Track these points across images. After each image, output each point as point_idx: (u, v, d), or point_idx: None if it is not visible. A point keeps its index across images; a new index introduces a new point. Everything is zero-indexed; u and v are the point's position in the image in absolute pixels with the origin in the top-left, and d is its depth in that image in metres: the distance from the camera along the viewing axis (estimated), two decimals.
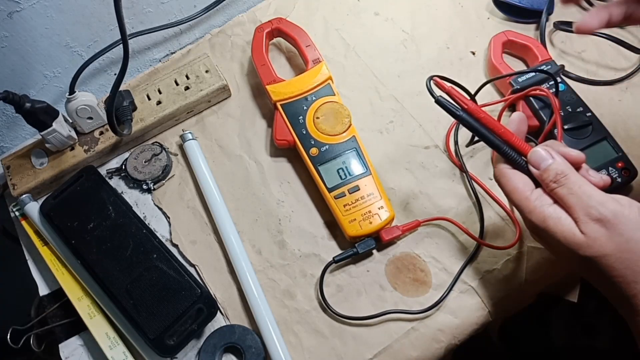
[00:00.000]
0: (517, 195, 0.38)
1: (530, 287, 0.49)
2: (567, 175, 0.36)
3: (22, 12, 0.51)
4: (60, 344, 0.51)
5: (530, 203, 0.37)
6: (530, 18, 0.61)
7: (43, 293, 0.54)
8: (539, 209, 0.37)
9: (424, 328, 0.48)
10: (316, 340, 0.49)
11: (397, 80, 0.60)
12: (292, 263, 0.52)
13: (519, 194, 0.38)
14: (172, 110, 0.58)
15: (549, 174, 0.37)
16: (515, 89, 0.54)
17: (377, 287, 0.50)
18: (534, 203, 0.37)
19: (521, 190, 0.38)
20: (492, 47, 0.57)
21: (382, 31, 0.63)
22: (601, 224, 0.34)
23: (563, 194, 0.36)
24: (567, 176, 0.36)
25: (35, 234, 0.54)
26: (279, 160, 0.57)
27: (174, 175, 0.58)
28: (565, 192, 0.36)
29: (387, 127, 0.57)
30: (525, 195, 0.38)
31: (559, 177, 0.36)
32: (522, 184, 0.38)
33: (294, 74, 0.62)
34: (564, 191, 0.36)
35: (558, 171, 0.37)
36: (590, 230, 0.34)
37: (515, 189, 0.38)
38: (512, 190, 0.38)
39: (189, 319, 0.48)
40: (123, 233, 0.51)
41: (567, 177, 0.36)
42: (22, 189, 0.55)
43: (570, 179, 0.36)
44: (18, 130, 0.63)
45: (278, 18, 0.60)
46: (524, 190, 0.38)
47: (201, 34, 0.67)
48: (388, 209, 0.50)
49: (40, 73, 0.58)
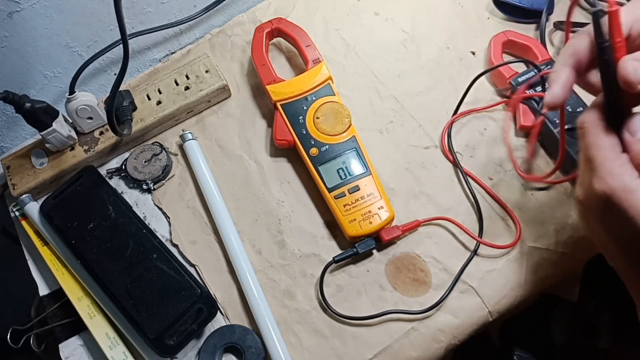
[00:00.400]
0: (604, 152, 0.33)
1: (530, 287, 0.49)
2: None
3: (22, 12, 0.51)
4: (60, 344, 0.51)
5: (617, 166, 0.32)
6: (530, 18, 0.61)
7: (43, 293, 0.54)
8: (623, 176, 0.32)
9: (424, 328, 0.48)
10: (316, 340, 0.49)
11: (397, 80, 0.60)
12: (292, 263, 0.52)
13: (607, 151, 0.33)
14: (172, 110, 0.58)
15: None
16: (516, 89, 0.54)
17: (377, 287, 0.50)
18: (620, 168, 0.32)
19: (609, 148, 0.33)
20: (492, 47, 0.57)
21: (382, 31, 0.63)
22: None
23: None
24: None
25: (35, 234, 0.54)
26: (279, 160, 0.57)
27: (174, 175, 0.58)
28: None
29: (387, 127, 0.57)
30: (612, 156, 0.33)
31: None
32: (612, 143, 0.33)
33: (294, 74, 0.62)
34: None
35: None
36: None
37: (606, 145, 0.33)
38: (601, 145, 0.33)
39: (189, 319, 0.48)
40: (123, 233, 0.51)
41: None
42: (22, 189, 0.55)
43: None
44: (18, 130, 0.63)
45: (278, 18, 0.60)
46: (612, 150, 0.33)
47: (201, 34, 0.67)
48: (388, 209, 0.50)
49: (40, 73, 0.58)
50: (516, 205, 0.52)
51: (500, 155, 0.54)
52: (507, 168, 0.54)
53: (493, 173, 0.54)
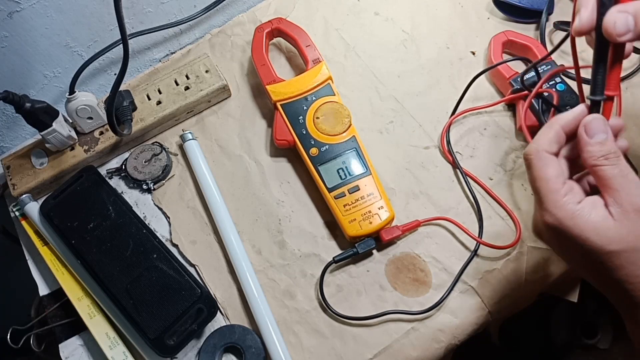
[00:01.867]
0: (546, 184, 0.35)
1: (530, 287, 0.49)
2: (620, 157, 0.33)
3: (22, 12, 0.51)
4: (60, 344, 0.51)
5: (560, 197, 0.34)
6: (530, 18, 0.61)
7: (43, 293, 0.54)
8: (568, 205, 0.34)
9: (424, 328, 0.48)
10: (316, 340, 0.49)
11: (397, 80, 0.60)
12: (292, 263, 0.52)
13: (549, 183, 0.35)
14: (172, 110, 0.58)
15: (602, 149, 0.34)
16: (515, 88, 0.54)
17: (377, 287, 0.50)
18: (564, 198, 0.34)
19: (554, 180, 0.35)
20: (492, 47, 0.57)
21: (382, 31, 0.63)
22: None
23: (612, 174, 0.33)
24: (620, 157, 0.33)
25: (35, 234, 0.54)
26: (279, 160, 0.57)
27: (174, 175, 0.58)
28: (617, 172, 0.33)
29: (387, 127, 0.57)
30: (556, 187, 0.34)
31: (611, 155, 0.33)
32: (556, 174, 0.35)
33: (294, 74, 0.62)
34: (614, 171, 0.33)
35: (612, 150, 0.34)
36: (627, 219, 0.32)
37: (548, 177, 0.35)
38: (543, 177, 0.35)
39: (189, 319, 0.48)
40: (123, 233, 0.51)
41: (620, 158, 0.33)
42: (22, 189, 0.55)
43: (622, 161, 0.33)
44: (18, 130, 0.63)
45: (278, 18, 0.60)
46: (556, 182, 0.35)
47: (201, 34, 0.67)
48: (388, 209, 0.50)
49: (40, 73, 0.58)
50: (516, 205, 0.52)
51: (500, 155, 0.54)
52: (507, 168, 0.54)
53: (493, 173, 0.54)
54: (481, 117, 0.57)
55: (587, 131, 0.35)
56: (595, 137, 0.35)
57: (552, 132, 0.37)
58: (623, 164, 0.33)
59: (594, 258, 0.34)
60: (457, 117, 0.56)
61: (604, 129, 0.35)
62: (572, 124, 0.37)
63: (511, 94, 0.54)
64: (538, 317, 0.63)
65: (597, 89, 0.36)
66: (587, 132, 0.35)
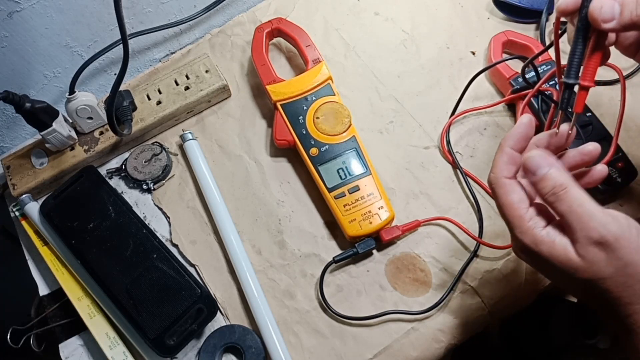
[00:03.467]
0: (511, 210, 0.35)
1: (530, 287, 0.49)
2: (567, 188, 0.33)
3: (22, 12, 0.51)
4: (60, 344, 0.51)
5: (524, 223, 0.34)
6: (530, 18, 0.61)
7: (43, 293, 0.54)
8: (532, 230, 0.34)
9: (424, 328, 0.48)
10: (316, 340, 0.49)
11: (397, 80, 0.60)
12: (292, 263, 0.52)
13: (513, 210, 0.35)
14: (172, 110, 0.58)
15: (546, 185, 0.34)
16: (515, 88, 0.54)
17: (377, 287, 0.50)
18: (527, 224, 0.34)
19: (516, 206, 0.35)
20: (492, 47, 0.57)
21: (382, 31, 0.63)
22: (601, 248, 0.32)
23: (562, 211, 0.33)
24: (567, 190, 0.33)
25: (35, 234, 0.54)
26: (279, 160, 0.57)
27: (174, 175, 0.58)
28: (565, 208, 0.33)
29: (387, 127, 0.57)
30: (519, 214, 0.35)
31: (557, 189, 0.33)
32: (518, 199, 0.35)
33: (294, 74, 0.62)
34: (563, 207, 0.33)
35: (557, 183, 0.33)
36: (588, 254, 0.32)
37: (510, 204, 0.35)
38: (507, 204, 0.35)
39: (189, 319, 0.48)
40: (123, 233, 0.51)
41: (567, 191, 0.33)
42: (22, 189, 0.55)
43: (570, 194, 0.33)
44: (18, 130, 0.63)
45: (278, 18, 0.60)
46: (519, 208, 0.35)
47: (201, 34, 0.67)
48: (388, 209, 0.50)
49: (40, 73, 0.58)
50: None
51: None
52: None
53: None
54: (481, 117, 0.57)
55: (528, 170, 0.35)
56: (537, 174, 0.34)
57: (504, 155, 0.37)
58: (571, 197, 0.33)
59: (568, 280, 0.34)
60: (457, 117, 0.56)
61: (544, 163, 0.34)
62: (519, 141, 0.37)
63: (511, 94, 0.54)
64: (538, 317, 0.63)
65: (571, 72, 0.35)
66: (528, 171, 0.35)
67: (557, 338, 0.62)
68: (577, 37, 0.35)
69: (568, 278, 0.34)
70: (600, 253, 0.32)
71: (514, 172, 0.37)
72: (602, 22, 0.34)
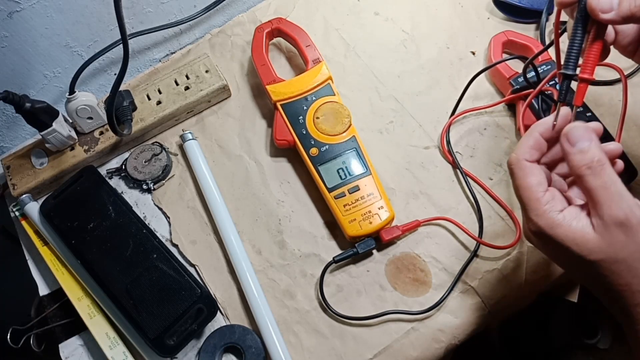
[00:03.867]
0: (528, 193, 0.35)
1: (530, 287, 0.49)
2: (604, 165, 0.32)
3: (22, 12, 0.51)
4: (60, 344, 0.51)
5: (540, 206, 0.34)
6: (530, 18, 0.61)
7: (43, 293, 0.54)
8: (549, 214, 0.34)
9: (424, 328, 0.48)
10: (316, 340, 0.49)
11: (397, 80, 0.60)
12: (292, 263, 0.52)
13: (531, 192, 0.35)
14: (172, 110, 0.58)
15: (584, 157, 0.33)
16: (515, 88, 0.54)
17: (377, 287, 0.50)
18: (544, 206, 0.34)
19: (534, 189, 0.35)
20: (492, 47, 0.57)
21: (382, 31, 0.63)
22: (622, 229, 0.31)
23: (595, 186, 0.32)
24: (604, 166, 0.32)
25: (35, 234, 0.54)
26: (279, 160, 0.57)
27: (174, 175, 0.58)
28: (599, 184, 0.32)
29: (387, 127, 0.57)
30: (537, 197, 0.35)
31: (595, 164, 0.32)
32: (537, 182, 0.35)
33: (294, 74, 0.62)
34: (597, 182, 0.32)
35: (595, 157, 0.33)
36: (608, 233, 0.32)
37: (529, 186, 0.35)
38: (524, 186, 0.35)
39: (189, 319, 0.48)
40: (123, 233, 0.51)
41: (604, 167, 0.32)
42: (22, 189, 0.55)
43: (606, 170, 0.32)
44: (18, 130, 0.63)
45: (278, 18, 0.60)
46: (537, 190, 0.35)
47: (201, 34, 0.67)
48: (388, 209, 0.50)
49: (40, 73, 0.58)
50: (516, 205, 0.52)
51: (500, 155, 0.54)
52: (507, 168, 0.54)
53: (493, 173, 0.54)
54: (481, 117, 0.57)
55: (569, 139, 0.34)
56: (577, 146, 0.34)
57: (532, 140, 0.37)
58: (606, 173, 0.33)
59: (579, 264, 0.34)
60: (457, 117, 0.56)
61: (587, 136, 0.34)
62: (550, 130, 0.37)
63: (511, 94, 0.54)
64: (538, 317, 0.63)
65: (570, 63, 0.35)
66: (569, 140, 0.34)
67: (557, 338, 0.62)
68: (576, 28, 0.35)
69: (578, 262, 0.33)
70: (620, 234, 0.32)
71: (537, 158, 0.37)
72: (600, 12, 0.34)
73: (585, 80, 0.36)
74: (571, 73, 0.36)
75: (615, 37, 0.38)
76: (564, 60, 0.36)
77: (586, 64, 0.35)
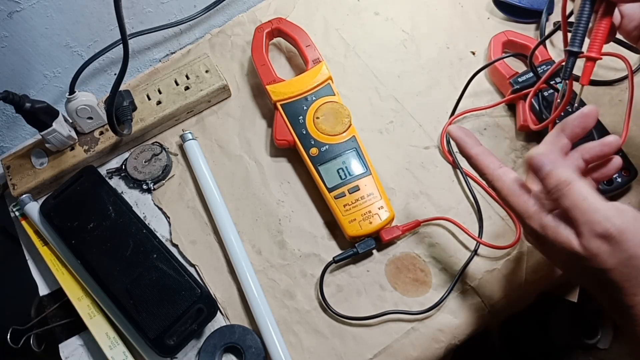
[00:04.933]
0: (514, 198, 0.36)
1: (530, 287, 0.49)
2: (570, 184, 0.33)
3: (22, 12, 0.51)
4: (60, 344, 0.51)
5: (529, 208, 0.35)
6: (530, 18, 0.61)
7: (43, 293, 0.54)
8: (537, 215, 0.35)
9: (424, 328, 0.48)
10: (316, 340, 0.49)
11: (397, 80, 0.60)
12: (292, 263, 0.52)
13: (516, 197, 0.36)
14: (172, 110, 0.58)
15: (550, 182, 0.34)
16: (515, 88, 0.54)
17: (377, 287, 0.50)
18: (532, 208, 0.35)
19: (518, 193, 0.36)
20: (492, 47, 0.57)
21: (382, 31, 0.63)
22: (604, 240, 0.32)
23: (567, 206, 0.33)
24: (570, 185, 0.33)
25: (35, 234, 0.54)
26: (279, 160, 0.57)
27: (174, 175, 0.58)
28: (569, 203, 0.33)
29: (387, 127, 0.57)
30: (523, 199, 0.36)
31: (561, 186, 0.33)
32: (519, 186, 0.36)
33: (294, 74, 0.62)
34: (567, 203, 0.33)
35: (560, 179, 0.33)
36: (592, 246, 0.32)
37: (513, 192, 0.36)
38: (509, 193, 0.36)
39: (189, 319, 0.48)
40: (123, 233, 0.51)
41: (570, 186, 0.33)
42: (22, 189, 0.55)
43: (574, 189, 0.33)
44: (18, 130, 0.63)
45: (278, 18, 0.60)
46: (521, 194, 0.36)
47: (201, 34, 0.67)
48: (388, 209, 0.50)
49: (40, 73, 0.58)
50: None
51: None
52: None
53: None
54: (481, 117, 0.57)
55: (533, 168, 0.35)
56: (541, 172, 0.35)
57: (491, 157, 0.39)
58: (575, 192, 0.33)
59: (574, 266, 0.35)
60: (457, 118, 0.56)
61: (546, 161, 0.35)
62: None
63: (511, 94, 0.54)
64: (538, 317, 0.63)
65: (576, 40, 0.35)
66: (533, 169, 0.35)
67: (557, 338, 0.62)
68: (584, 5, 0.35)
69: (573, 263, 0.34)
70: (603, 245, 0.32)
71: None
72: None
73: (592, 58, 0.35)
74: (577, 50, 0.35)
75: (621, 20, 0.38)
76: (571, 37, 0.36)
77: (594, 42, 0.35)
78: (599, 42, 0.35)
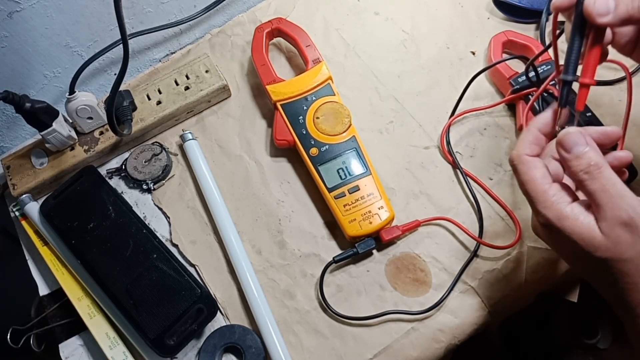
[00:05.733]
0: (533, 186, 0.35)
1: (530, 287, 0.49)
2: (601, 168, 0.33)
3: (22, 12, 0.51)
4: (60, 344, 0.51)
5: (548, 197, 0.34)
6: (530, 18, 0.61)
7: (43, 293, 0.54)
8: (557, 205, 0.34)
9: (424, 328, 0.48)
10: (316, 340, 0.49)
11: (397, 80, 0.60)
12: (292, 263, 0.52)
13: (536, 185, 0.35)
14: (172, 110, 0.58)
15: (581, 163, 0.33)
16: (515, 88, 0.54)
17: (377, 287, 0.50)
18: (552, 198, 0.34)
19: (539, 181, 0.35)
20: (492, 47, 0.57)
21: (382, 31, 0.63)
22: (627, 229, 0.31)
23: (594, 189, 0.32)
24: (601, 170, 0.33)
25: (35, 234, 0.54)
26: (279, 160, 0.57)
27: (174, 175, 0.58)
28: (598, 187, 0.32)
29: (387, 127, 0.57)
30: (544, 189, 0.34)
31: (592, 168, 0.33)
32: (541, 175, 0.35)
33: (294, 74, 0.62)
34: (595, 186, 0.32)
35: (592, 161, 0.33)
36: (613, 233, 0.32)
37: (533, 179, 0.35)
38: (529, 180, 0.35)
39: (189, 319, 0.48)
40: (123, 233, 0.51)
41: (601, 170, 0.33)
42: (22, 189, 0.55)
43: (604, 173, 0.32)
44: (18, 130, 0.63)
45: (278, 18, 0.60)
46: (542, 183, 0.35)
47: (201, 34, 0.67)
48: (388, 209, 0.50)
49: (40, 73, 0.58)
50: (516, 205, 0.52)
51: (500, 155, 0.54)
52: (507, 168, 0.54)
53: (493, 173, 0.54)
54: (481, 117, 0.57)
55: (563, 147, 0.35)
56: (572, 151, 0.34)
57: (530, 135, 0.37)
58: (604, 176, 0.33)
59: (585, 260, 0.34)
60: (457, 118, 0.56)
61: (581, 141, 0.34)
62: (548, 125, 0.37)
63: (511, 94, 0.54)
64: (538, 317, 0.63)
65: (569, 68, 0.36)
66: (564, 147, 0.35)
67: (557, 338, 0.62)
68: (574, 33, 0.35)
69: (585, 257, 0.33)
70: (625, 234, 0.32)
71: (537, 152, 0.37)
72: (597, 16, 0.34)
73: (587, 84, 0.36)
74: (571, 79, 0.36)
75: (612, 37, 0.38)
76: (564, 66, 0.36)
77: (586, 68, 0.36)
78: (591, 68, 0.36)
